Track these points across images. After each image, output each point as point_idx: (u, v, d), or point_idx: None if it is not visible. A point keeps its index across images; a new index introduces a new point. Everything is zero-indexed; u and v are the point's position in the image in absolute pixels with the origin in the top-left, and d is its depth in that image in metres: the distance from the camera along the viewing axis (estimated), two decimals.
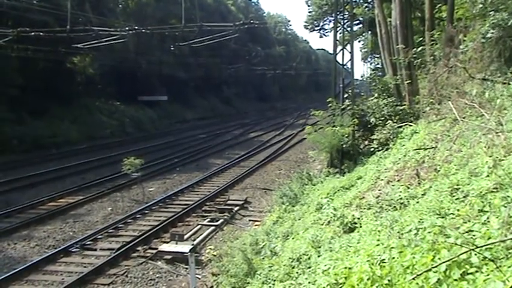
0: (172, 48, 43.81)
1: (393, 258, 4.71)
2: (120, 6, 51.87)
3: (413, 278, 3.89)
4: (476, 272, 3.64)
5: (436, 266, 3.80)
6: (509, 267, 3.38)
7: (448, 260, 3.78)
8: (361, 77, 64.68)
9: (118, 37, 28.03)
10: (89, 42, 29.70)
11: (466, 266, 3.72)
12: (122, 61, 43.23)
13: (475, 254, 3.72)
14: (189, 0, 43.46)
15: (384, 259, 4.90)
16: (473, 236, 4.40)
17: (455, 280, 3.62)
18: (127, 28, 28.35)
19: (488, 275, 3.45)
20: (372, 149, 16.80)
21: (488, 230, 4.37)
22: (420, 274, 3.86)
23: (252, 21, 29.29)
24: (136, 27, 28.61)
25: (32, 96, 33.01)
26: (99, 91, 44.79)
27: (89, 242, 13.53)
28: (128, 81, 46.26)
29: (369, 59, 56.64)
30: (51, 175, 23.02)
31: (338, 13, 21.83)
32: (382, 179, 10.94)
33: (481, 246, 3.80)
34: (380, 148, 15.97)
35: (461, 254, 3.74)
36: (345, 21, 21.59)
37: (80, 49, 32.46)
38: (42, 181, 21.65)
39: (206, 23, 29.67)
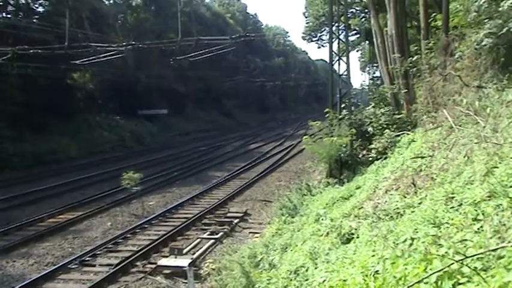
0: (171, 62, 44.06)
1: (386, 269, 4.68)
2: (119, 21, 52.14)
3: None
4: (468, 282, 3.60)
5: (427, 277, 3.76)
6: (493, 276, 3.35)
7: (440, 271, 3.74)
8: (361, 86, 64.89)
9: (116, 52, 28.16)
10: (87, 59, 29.83)
11: (457, 276, 3.69)
12: (121, 76, 43.39)
13: (466, 264, 3.69)
14: (187, 15, 43.75)
15: (377, 270, 4.87)
16: (466, 245, 4.37)
17: None
18: (124, 43, 28.47)
19: (477, 285, 3.42)
20: (371, 158, 16.80)
21: (480, 239, 4.34)
22: (412, 285, 3.82)
23: (248, 34, 29.44)
24: (133, 42, 28.73)
25: (32, 113, 33.19)
26: (99, 106, 44.88)
27: (88, 258, 13.46)
28: (128, 96, 46.40)
29: (368, 69, 56.87)
30: (51, 191, 23.00)
31: (334, 24, 21.91)
32: (380, 189, 10.91)
33: (472, 256, 3.77)
34: (378, 157, 15.96)
35: (452, 264, 3.71)
36: (341, 32, 21.68)
37: (79, 65, 32.61)
38: (42, 197, 21.61)
39: (203, 37, 29.81)
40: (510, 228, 4.26)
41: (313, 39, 52.33)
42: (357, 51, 56.88)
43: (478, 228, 4.73)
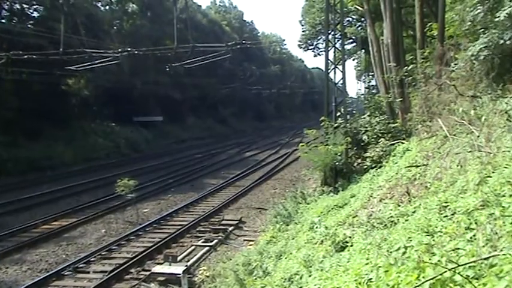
0: (167, 69, 44.05)
1: (380, 277, 4.69)
2: (115, 28, 52.15)
3: None
4: None
5: (419, 285, 3.77)
6: (485, 285, 3.37)
7: (432, 279, 3.75)
8: (356, 94, 65.09)
9: (111, 59, 28.18)
10: (82, 64, 29.81)
11: (449, 285, 3.70)
12: (116, 82, 43.36)
13: (458, 272, 3.71)
14: (183, 22, 43.83)
15: (371, 278, 4.88)
16: (459, 254, 4.39)
17: None
18: (119, 50, 28.49)
19: None
20: (365, 167, 16.84)
21: (473, 247, 4.36)
22: None
23: (244, 42, 29.62)
24: (129, 49, 28.76)
25: (27, 119, 33.10)
26: (94, 113, 44.79)
27: (81, 265, 13.42)
28: (123, 102, 46.36)
29: (363, 77, 57.10)
30: (45, 197, 22.95)
31: (330, 32, 22.00)
32: (374, 197, 10.94)
33: (464, 264, 3.78)
34: (373, 166, 16.00)
35: (445, 272, 3.72)
36: (337, 40, 21.78)
37: (74, 71, 32.58)
38: (36, 204, 21.53)
39: (199, 44, 29.88)
40: (502, 236, 4.29)
41: (310, 47, 52.48)
42: (353, 59, 57.31)
43: (471, 237, 4.76)
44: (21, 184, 26.58)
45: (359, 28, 41.57)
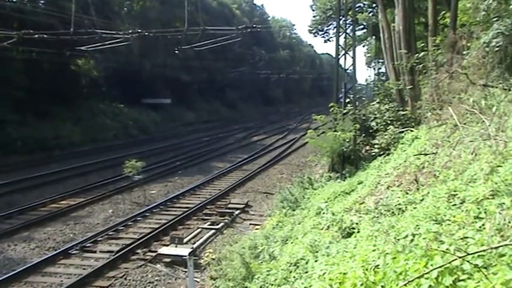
0: (176, 52, 43.75)
1: (387, 264, 4.69)
2: (125, 9, 51.87)
3: (405, 285, 3.87)
4: (468, 278, 3.62)
5: (427, 273, 3.78)
6: (495, 274, 3.37)
7: (440, 267, 3.75)
8: (366, 81, 64.65)
9: (122, 40, 28.11)
10: (92, 45, 29.75)
11: (458, 273, 3.70)
12: (126, 64, 43.27)
13: (467, 261, 3.70)
14: (193, 4, 43.57)
15: (378, 265, 4.89)
16: (467, 242, 4.38)
17: (447, 287, 3.60)
18: (130, 31, 28.40)
19: (478, 282, 3.43)
20: (373, 154, 16.81)
21: (482, 236, 4.35)
22: (412, 280, 3.84)
23: (254, 25, 29.30)
24: (139, 30, 28.65)
25: (36, 98, 33.14)
26: (103, 93, 44.84)
27: (88, 244, 13.54)
28: (132, 84, 46.33)
29: (373, 64, 56.67)
30: (53, 177, 23.09)
31: (341, 18, 21.82)
32: (382, 184, 10.92)
33: (473, 253, 3.78)
34: (381, 153, 15.97)
35: (453, 260, 3.72)
36: (348, 26, 21.59)
37: (84, 51, 32.55)
38: (44, 183, 21.68)
39: (209, 27, 29.73)
40: None
41: (320, 32, 52.00)
42: (363, 46, 56.75)
43: (480, 226, 4.75)
44: (30, 163, 26.76)
45: (370, 14, 41.16)
